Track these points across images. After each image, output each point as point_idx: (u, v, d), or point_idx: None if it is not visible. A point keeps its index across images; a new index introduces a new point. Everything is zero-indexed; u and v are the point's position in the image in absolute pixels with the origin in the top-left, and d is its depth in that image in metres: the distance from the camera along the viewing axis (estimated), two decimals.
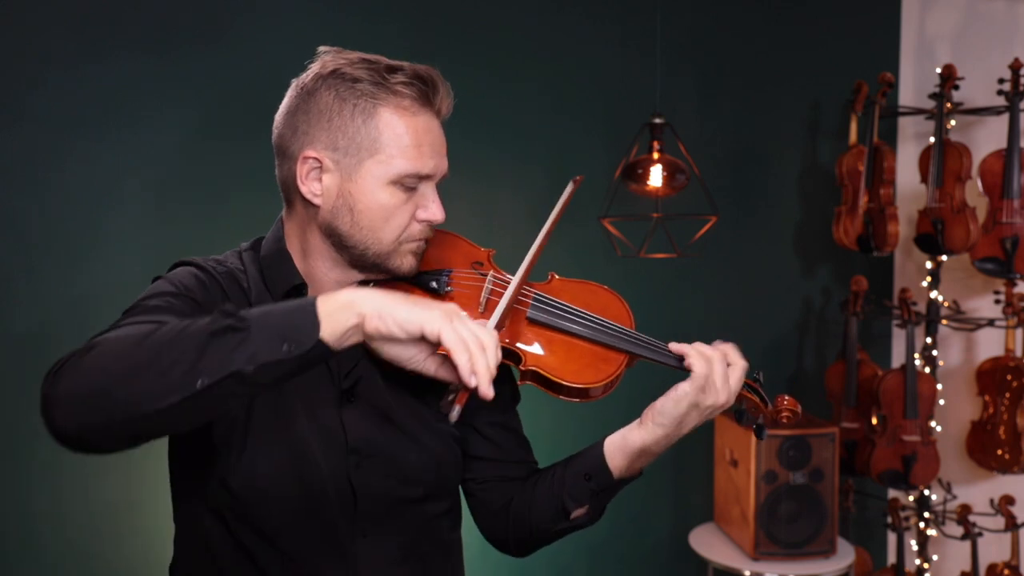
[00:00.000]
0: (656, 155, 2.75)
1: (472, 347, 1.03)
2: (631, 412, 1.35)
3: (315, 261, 1.29)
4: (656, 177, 2.74)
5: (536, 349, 1.27)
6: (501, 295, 1.28)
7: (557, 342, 1.28)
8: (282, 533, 1.22)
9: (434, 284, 1.30)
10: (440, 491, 1.34)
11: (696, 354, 1.26)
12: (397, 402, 1.31)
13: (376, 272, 1.29)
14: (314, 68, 1.26)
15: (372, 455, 1.27)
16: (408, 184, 1.23)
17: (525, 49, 3.07)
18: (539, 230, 1.30)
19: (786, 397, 1.33)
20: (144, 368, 0.95)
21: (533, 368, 1.25)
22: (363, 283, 1.30)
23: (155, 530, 1.94)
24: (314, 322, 0.99)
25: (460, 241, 1.38)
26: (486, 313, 1.28)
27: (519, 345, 1.27)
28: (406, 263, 1.28)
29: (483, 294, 1.31)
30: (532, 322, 1.29)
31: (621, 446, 1.31)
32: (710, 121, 3.33)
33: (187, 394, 0.95)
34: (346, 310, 1.01)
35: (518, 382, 1.30)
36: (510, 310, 1.26)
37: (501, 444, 1.42)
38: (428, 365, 1.11)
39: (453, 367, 1.04)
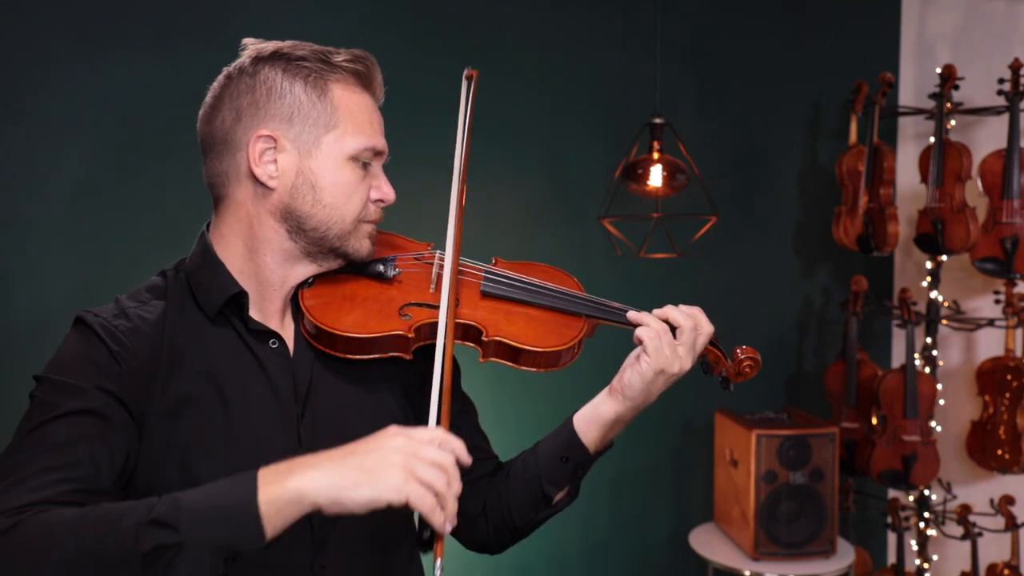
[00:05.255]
0: (656, 155, 2.75)
1: (440, 488, 0.98)
2: (599, 389, 1.35)
3: (263, 257, 1.21)
4: (656, 177, 2.73)
5: (496, 320, 1.26)
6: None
7: (515, 313, 1.28)
8: None
9: (381, 268, 1.27)
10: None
11: (646, 328, 1.25)
12: (353, 404, 1.25)
13: (331, 259, 1.24)
14: (248, 53, 1.22)
15: None
16: (364, 159, 1.22)
17: (525, 49, 3.07)
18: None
19: (744, 347, 1.32)
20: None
21: (496, 338, 1.23)
22: (303, 284, 1.24)
23: None
24: (257, 528, 0.93)
25: (397, 237, 1.37)
26: (438, 291, 1.26)
27: (478, 318, 1.25)
28: (364, 246, 1.25)
29: (433, 271, 1.30)
30: (487, 295, 1.29)
31: (594, 419, 1.30)
32: (710, 121, 3.33)
33: None
34: (295, 504, 0.95)
35: (480, 360, 1.26)
36: (458, 282, 1.26)
37: (471, 441, 1.33)
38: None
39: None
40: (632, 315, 1.28)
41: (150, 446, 1.12)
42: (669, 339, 1.24)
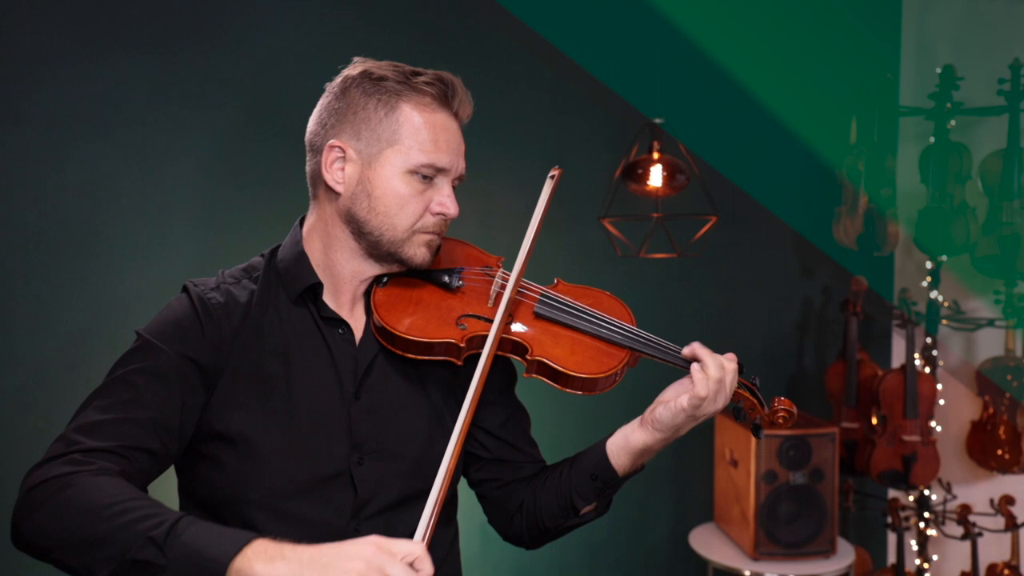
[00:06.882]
0: (656, 155, 2.75)
1: None
2: (633, 410, 1.39)
3: (335, 253, 1.35)
4: (656, 177, 2.74)
5: (543, 340, 1.33)
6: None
7: (562, 336, 1.35)
8: (281, 536, 1.24)
9: (446, 279, 1.37)
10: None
11: (712, 368, 1.32)
12: (403, 395, 1.35)
13: (390, 262, 1.35)
14: (344, 71, 1.36)
15: (374, 451, 1.31)
16: (425, 174, 1.32)
17: (525, 49, 3.07)
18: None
19: (781, 398, 1.39)
20: (85, 549, 1.07)
21: (539, 358, 1.31)
22: (378, 277, 1.36)
23: None
24: None
25: (471, 248, 1.47)
26: (495, 307, 1.35)
27: (526, 337, 1.33)
28: (419, 254, 1.34)
29: (493, 288, 1.38)
30: (539, 317, 1.37)
31: (624, 446, 1.38)
32: (710, 121, 3.33)
33: None
34: None
35: (524, 375, 1.35)
36: (513, 301, 1.34)
37: (516, 445, 1.48)
38: None
39: None
40: (687, 351, 1.35)
41: (221, 402, 1.27)
42: (733, 378, 1.33)
